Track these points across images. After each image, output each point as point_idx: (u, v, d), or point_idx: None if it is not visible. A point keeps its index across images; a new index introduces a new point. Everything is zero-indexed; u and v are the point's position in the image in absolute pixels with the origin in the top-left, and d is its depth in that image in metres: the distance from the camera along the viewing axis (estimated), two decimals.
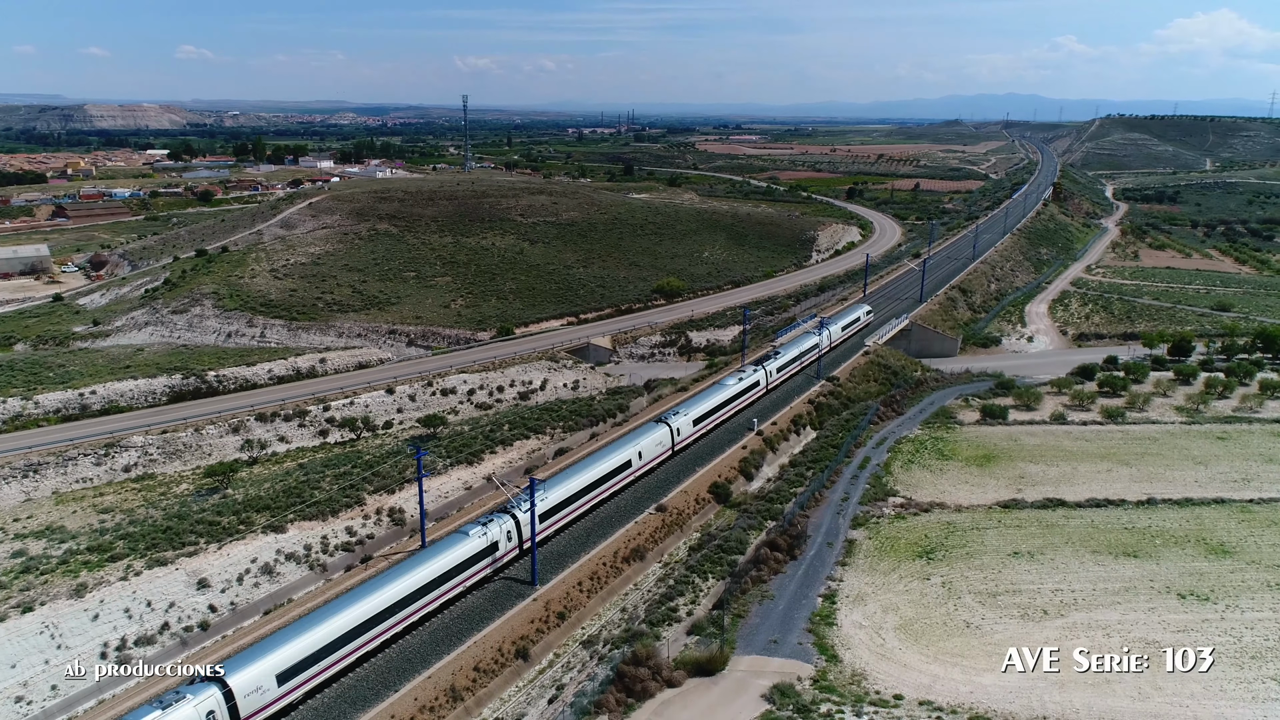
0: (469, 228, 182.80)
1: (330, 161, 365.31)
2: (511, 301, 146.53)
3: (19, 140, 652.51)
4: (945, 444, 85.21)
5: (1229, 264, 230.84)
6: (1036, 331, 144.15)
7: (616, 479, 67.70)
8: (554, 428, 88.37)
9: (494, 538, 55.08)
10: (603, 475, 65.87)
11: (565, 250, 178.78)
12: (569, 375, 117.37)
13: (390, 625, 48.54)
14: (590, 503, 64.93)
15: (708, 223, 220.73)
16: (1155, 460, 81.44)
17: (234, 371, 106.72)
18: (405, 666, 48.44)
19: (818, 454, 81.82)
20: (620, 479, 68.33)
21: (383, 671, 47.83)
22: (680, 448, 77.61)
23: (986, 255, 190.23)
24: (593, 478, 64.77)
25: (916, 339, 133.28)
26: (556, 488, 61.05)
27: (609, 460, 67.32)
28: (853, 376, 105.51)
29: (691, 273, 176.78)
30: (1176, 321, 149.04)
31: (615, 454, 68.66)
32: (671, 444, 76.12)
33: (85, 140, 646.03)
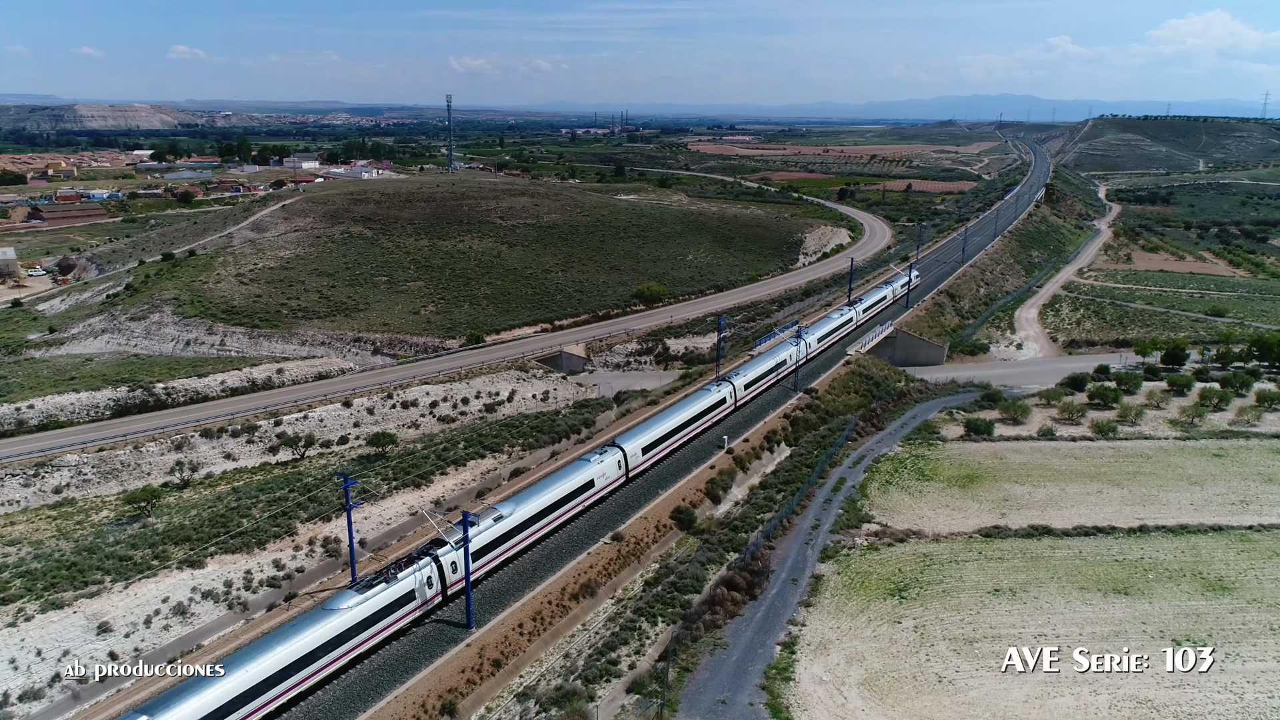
0: (446, 230, 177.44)
1: (316, 162, 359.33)
2: (485, 307, 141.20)
3: (8, 141, 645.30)
4: (926, 463, 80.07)
5: (1223, 267, 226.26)
6: (1026, 338, 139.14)
7: (558, 512, 62.07)
8: (513, 445, 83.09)
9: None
10: (544, 508, 60.29)
11: (544, 254, 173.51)
12: (539, 386, 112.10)
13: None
14: (530, 539, 59.37)
15: (693, 225, 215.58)
16: (1148, 480, 76.39)
17: (184, 383, 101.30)
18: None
19: (790, 474, 76.60)
20: (560, 513, 62.57)
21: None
22: (635, 474, 71.87)
23: (976, 259, 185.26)
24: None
25: (901, 347, 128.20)
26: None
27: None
28: (832, 388, 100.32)
29: (674, 277, 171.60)
30: (1170, 328, 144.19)
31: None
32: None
33: (74, 141, 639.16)
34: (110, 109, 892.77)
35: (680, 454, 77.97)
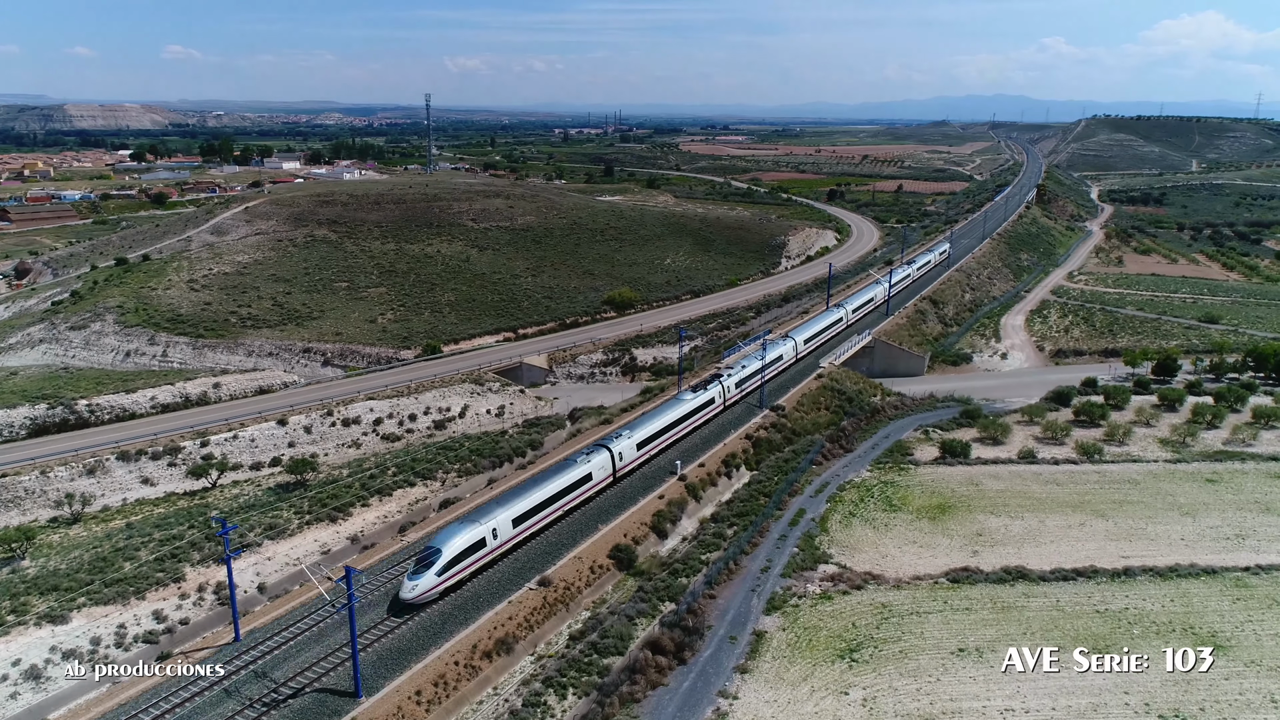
0: (414, 233, 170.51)
1: (297, 163, 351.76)
2: (447, 315, 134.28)
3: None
4: (895, 490, 73.33)
5: (1216, 270, 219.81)
6: (1011, 347, 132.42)
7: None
8: (449, 471, 76.26)
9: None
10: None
11: (516, 258, 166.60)
12: (494, 400, 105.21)
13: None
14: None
15: (674, 227, 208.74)
16: (1135, 510, 69.71)
17: (111, 400, 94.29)
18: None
19: (746, 504, 69.83)
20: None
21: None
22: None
23: (962, 263, 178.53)
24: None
25: (880, 357, 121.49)
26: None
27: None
28: (801, 404, 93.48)
29: (649, 282, 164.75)
30: (1161, 335, 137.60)
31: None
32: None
33: (62, 141, 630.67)
34: (100, 109, 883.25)
35: (626, 482, 71.14)
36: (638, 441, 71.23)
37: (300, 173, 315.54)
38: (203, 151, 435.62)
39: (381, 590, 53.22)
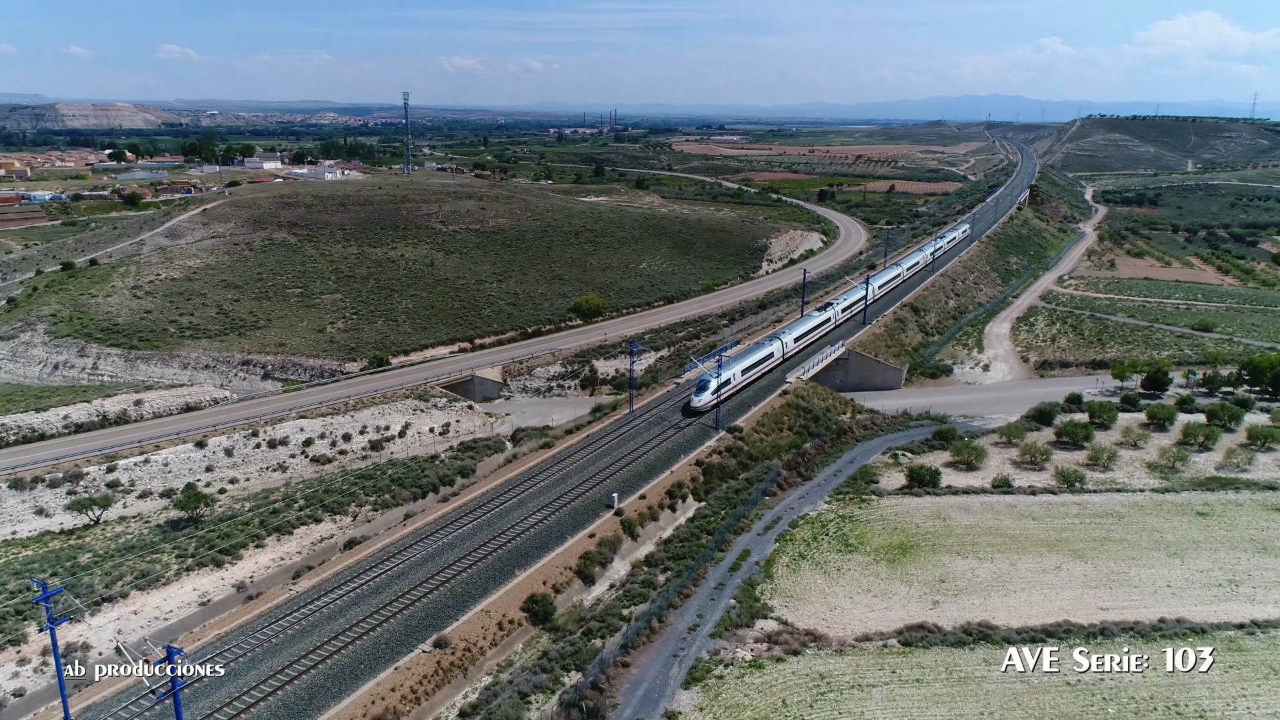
0: (379, 237, 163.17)
1: (278, 163, 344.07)
2: (401, 324, 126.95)
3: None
4: (854, 526, 66.03)
5: (1211, 274, 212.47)
6: (995, 358, 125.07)
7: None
8: (363, 504, 68.97)
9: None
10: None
11: (483, 262, 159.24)
12: (439, 417, 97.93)
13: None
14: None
15: (653, 229, 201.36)
16: (1118, 550, 62.44)
17: (19, 419, 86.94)
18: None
19: (686, 544, 62.56)
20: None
21: None
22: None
23: (948, 267, 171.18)
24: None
25: (854, 369, 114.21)
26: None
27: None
28: (761, 425, 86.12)
29: (622, 287, 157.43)
30: (1152, 345, 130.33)
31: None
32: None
33: (51, 140, 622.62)
34: (92, 108, 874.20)
35: (554, 518, 63.86)
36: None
37: (281, 173, 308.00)
38: (184, 151, 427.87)
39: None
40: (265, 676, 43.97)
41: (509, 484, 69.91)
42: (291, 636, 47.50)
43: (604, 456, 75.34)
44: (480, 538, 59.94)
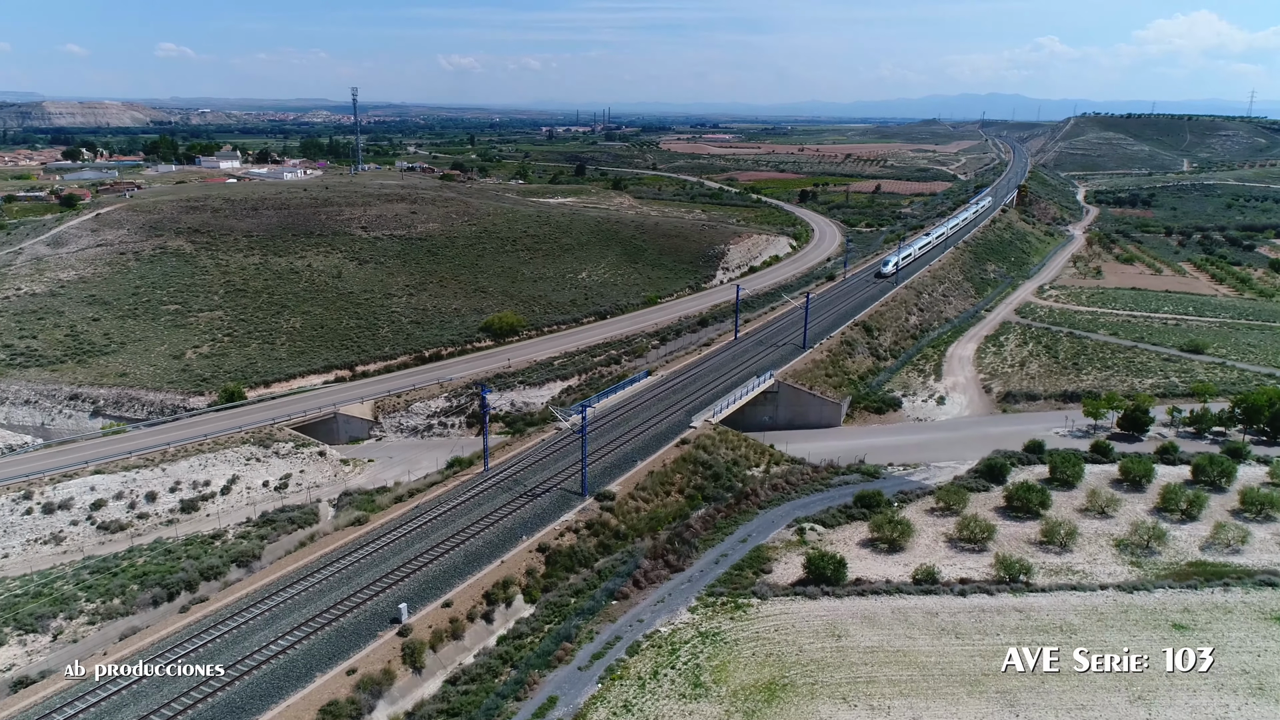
0: (288, 244, 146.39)
1: (236, 162, 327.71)
2: (279, 347, 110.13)
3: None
4: (716, 651, 49.10)
5: (1204, 282, 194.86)
6: (953, 387, 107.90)
7: None
8: (77, 614, 52.05)
9: None
10: None
11: (400, 272, 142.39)
12: (278, 468, 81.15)
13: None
14: None
15: (604, 234, 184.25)
16: (1064, 694, 45.50)
17: None
18: None
19: (475, 685, 45.65)
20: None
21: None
22: None
23: (914, 278, 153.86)
24: None
25: (786, 404, 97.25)
26: None
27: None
28: (642, 488, 69.16)
29: (552, 301, 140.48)
30: (1135, 370, 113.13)
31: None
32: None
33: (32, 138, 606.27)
34: (79, 105, 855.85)
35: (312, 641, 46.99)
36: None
37: (238, 172, 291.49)
38: (145, 149, 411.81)
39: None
40: None
41: (283, 581, 53.21)
42: None
43: (423, 538, 58.57)
44: (188, 681, 43.19)
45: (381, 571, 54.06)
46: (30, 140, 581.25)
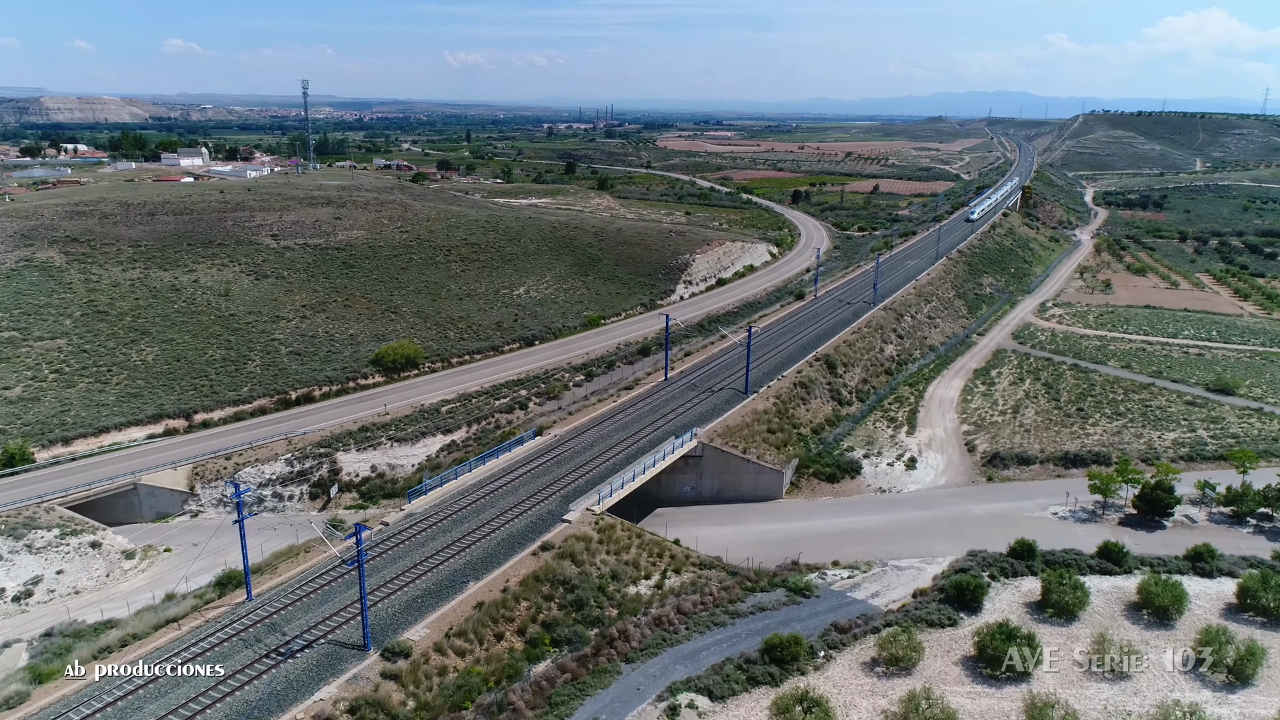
0: (180, 256, 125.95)
1: (199, 159, 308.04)
2: (110, 387, 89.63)
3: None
4: None
5: (1226, 297, 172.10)
6: (929, 443, 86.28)
7: None
8: None
9: None
10: None
11: (301, 289, 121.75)
12: (27, 567, 60.75)
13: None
14: None
15: (557, 242, 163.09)
16: None
17: None
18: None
19: None
20: None
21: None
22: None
23: (895, 297, 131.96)
24: None
25: (712, 473, 75.99)
26: None
27: None
28: (460, 632, 48.02)
29: (473, 323, 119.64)
30: (1151, 420, 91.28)
31: None
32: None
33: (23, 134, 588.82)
34: (77, 101, 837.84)
35: None
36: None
37: (198, 170, 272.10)
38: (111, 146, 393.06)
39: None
40: None
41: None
42: None
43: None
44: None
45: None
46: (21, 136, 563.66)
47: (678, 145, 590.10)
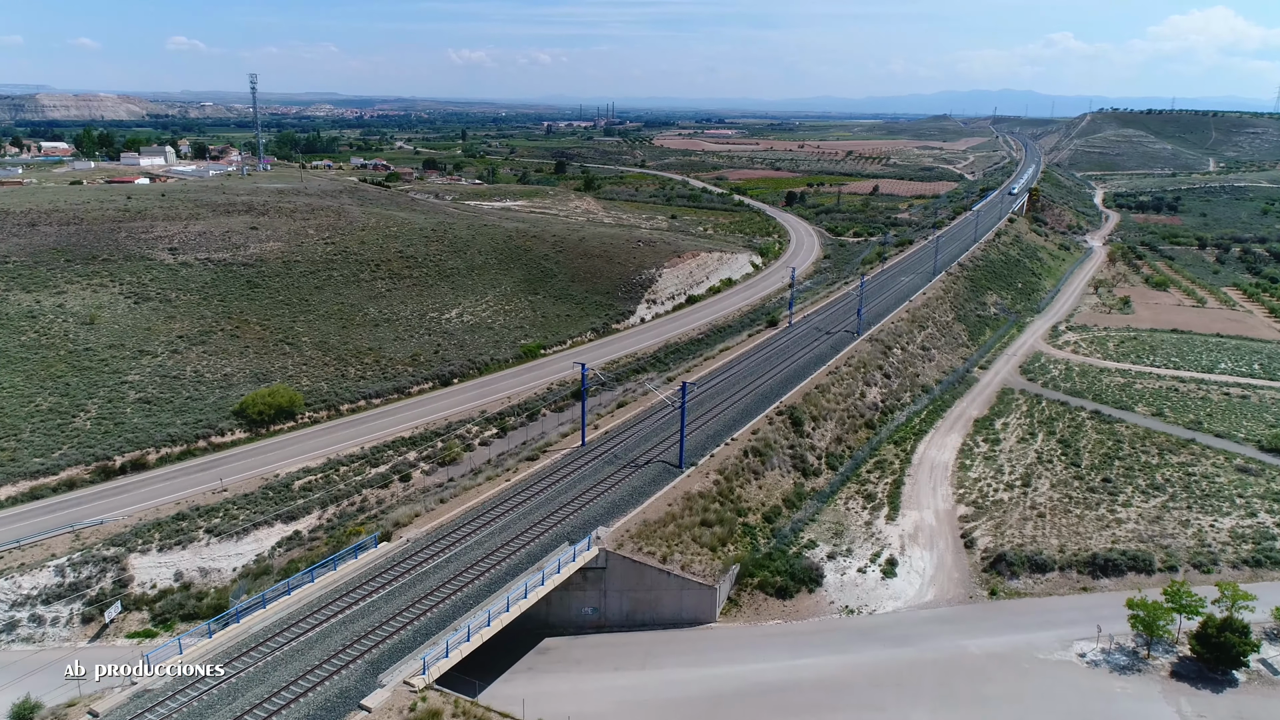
0: (53, 274, 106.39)
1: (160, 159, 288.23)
2: None
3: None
4: None
5: (1260, 317, 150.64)
6: (914, 535, 65.73)
7: None
8: None
9: None
10: None
11: (184, 315, 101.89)
12: None
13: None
14: None
15: (509, 254, 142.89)
16: None
17: None
18: None
19: None
20: None
21: None
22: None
23: (883, 324, 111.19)
24: None
25: (619, 589, 55.69)
26: None
27: None
28: None
29: (384, 356, 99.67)
30: (1197, 495, 70.74)
31: None
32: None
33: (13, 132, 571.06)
34: (74, 98, 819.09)
35: None
36: None
37: (157, 170, 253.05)
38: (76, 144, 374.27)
39: None
40: None
41: None
42: None
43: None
44: None
45: None
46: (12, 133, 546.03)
47: (675, 144, 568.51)
